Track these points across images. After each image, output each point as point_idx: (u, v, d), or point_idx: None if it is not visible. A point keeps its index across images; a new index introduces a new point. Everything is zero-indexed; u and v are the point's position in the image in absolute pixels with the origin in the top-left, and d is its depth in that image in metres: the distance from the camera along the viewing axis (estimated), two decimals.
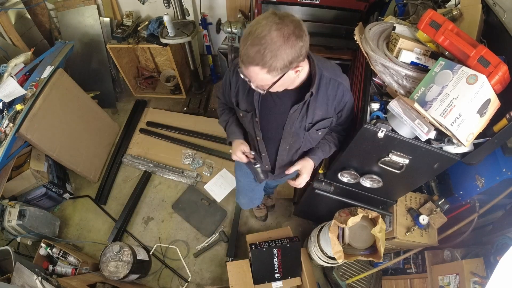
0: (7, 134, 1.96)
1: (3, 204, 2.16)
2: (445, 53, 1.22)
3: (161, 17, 2.56)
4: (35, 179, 2.31)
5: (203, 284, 2.39)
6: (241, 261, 2.12)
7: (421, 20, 1.21)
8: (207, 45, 3.11)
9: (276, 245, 2.07)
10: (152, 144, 3.03)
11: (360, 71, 1.63)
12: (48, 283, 1.79)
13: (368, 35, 1.37)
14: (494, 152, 1.56)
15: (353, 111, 1.39)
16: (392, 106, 1.18)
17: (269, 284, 2.08)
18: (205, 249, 2.50)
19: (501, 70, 1.04)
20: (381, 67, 1.27)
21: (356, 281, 2.19)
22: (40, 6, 2.84)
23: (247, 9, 2.63)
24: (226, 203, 2.73)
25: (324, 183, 1.76)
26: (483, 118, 1.09)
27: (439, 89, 1.08)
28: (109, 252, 2.07)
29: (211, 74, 3.49)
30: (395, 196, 1.78)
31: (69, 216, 2.66)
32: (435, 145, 1.22)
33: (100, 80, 3.10)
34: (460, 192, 1.82)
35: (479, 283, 1.50)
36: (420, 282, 1.87)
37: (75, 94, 2.53)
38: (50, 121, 2.26)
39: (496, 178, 1.54)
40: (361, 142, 1.34)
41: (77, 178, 2.83)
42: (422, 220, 1.77)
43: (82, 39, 2.91)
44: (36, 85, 2.15)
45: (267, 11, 0.98)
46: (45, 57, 2.37)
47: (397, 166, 1.39)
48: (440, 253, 1.82)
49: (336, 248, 1.73)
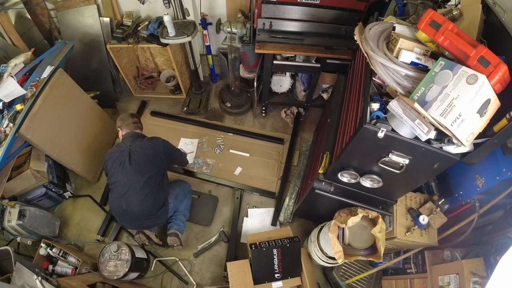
0: (7, 134, 1.96)
1: (3, 204, 2.16)
2: (445, 53, 1.22)
3: (161, 17, 2.56)
4: (35, 179, 2.31)
5: (203, 284, 2.39)
6: (241, 261, 2.12)
7: (421, 20, 1.21)
8: (207, 45, 3.11)
9: (276, 245, 2.07)
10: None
11: (360, 71, 1.63)
12: (48, 283, 1.79)
13: (368, 35, 1.37)
14: (494, 152, 1.56)
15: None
16: (392, 106, 1.18)
17: (269, 284, 2.08)
18: (205, 249, 2.51)
19: (501, 70, 1.04)
20: (381, 67, 1.27)
21: (356, 281, 2.19)
22: (40, 6, 2.84)
23: (247, 9, 2.63)
24: (225, 203, 2.74)
25: (324, 183, 1.76)
26: (483, 118, 1.09)
27: (439, 89, 1.08)
28: (107, 252, 2.07)
29: (211, 74, 3.50)
30: (395, 196, 1.78)
31: (69, 216, 2.67)
32: (435, 145, 1.22)
33: (100, 80, 3.10)
34: (460, 192, 1.82)
35: (479, 283, 1.51)
36: (420, 282, 1.87)
37: (75, 94, 2.54)
38: (50, 121, 2.26)
39: (496, 178, 1.55)
40: (361, 142, 1.34)
41: (77, 178, 2.83)
42: (422, 220, 1.78)
43: (82, 39, 2.91)
44: (36, 85, 2.15)
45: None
46: (45, 57, 2.37)
47: (397, 166, 1.39)
48: (440, 253, 1.83)
49: (336, 248, 1.73)
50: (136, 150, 2.08)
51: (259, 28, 2.42)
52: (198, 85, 3.33)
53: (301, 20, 2.39)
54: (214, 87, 3.56)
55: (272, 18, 2.38)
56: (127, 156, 2.05)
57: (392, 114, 1.21)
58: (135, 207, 2.06)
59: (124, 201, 2.07)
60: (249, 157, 2.97)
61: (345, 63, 2.47)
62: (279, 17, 2.38)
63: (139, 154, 2.07)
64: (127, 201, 2.06)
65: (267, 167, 2.91)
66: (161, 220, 2.24)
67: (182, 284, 2.37)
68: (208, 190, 2.81)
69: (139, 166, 2.05)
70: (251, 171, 2.88)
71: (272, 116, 3.32)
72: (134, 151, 2.07)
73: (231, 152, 3.00)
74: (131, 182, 2.04)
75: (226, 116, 3.34)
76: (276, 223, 2.60)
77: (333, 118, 2.01)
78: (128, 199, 2.06)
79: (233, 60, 2.77)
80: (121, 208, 2.09)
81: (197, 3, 2.72)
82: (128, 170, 2.03)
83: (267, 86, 2.91)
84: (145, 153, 2.08)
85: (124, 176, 2.05)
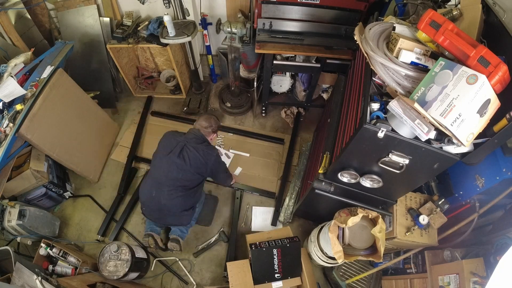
0: (7, 134, 1.96)
1: (3, 204, 2.16)
2: (445, 53, 1.22)
3: (161, 17, 2.56)
4: (35, 179, 2.31)
5: (203, 284, 2.39)
6: (241, 261, 2.12)
7: (421, 20, 1.21)
8: (207, 45, 3.11)
9: (276, 245, 2.07)
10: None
11: (360, 71, 1.63)
12: (48, 283, 1.79)
13: (368, 35, 1.37)
14: (494, 152, 1.56)
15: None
16: (392, 106, 1.18)
17: (269, 284, 2.08)
18: (205, 249, 2.51)
19: (501, 70, 1.05)
20: (381, 67, 1.27)
21: (356, 281, 2.19)
22: (40, 6, 2.84)
23: (247, 9, 2.63)
24: (225, 203, 2.74)
25: (324, 183, 1.76)
26: (483, 118, 1.09)
27: (439, 89, 1.08)
28: (107, 252, 2.07)
29: (211, 74, 3.50)
30: (395, 196, 1.78)
31: (69, 216, 2.66)
32: (435, 145, 1.22)
33: (100, 80, 3.10)
34: (460, 192, 1.82)
35: (479, 283, 1.51)
36: (420, 282, 1.87)
37: (75, 94, 2.54)
38: (50, 121, 2.26)
39: (496, 178, 1.55)
40: (361, 142, 1.34)
41: (77, 178, 2.83)
42: (422, 220, 1.78)
43: (82, 39, 2.91)
44: (36, 85, 2.15)
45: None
46: (45, 57, 2.37)
47: (397, 166, 1.39)
48: (440, 253, 1.83)
49: (336, 248, 1.73)
50: (190, 149, 2.07)
51: (259, 28, 2.42)
52: (198, 85, 3.34)
53: (301, 20, 2.39)
54: (214, 87, 3.56)
55: (272, 18, 2.38)
56: (179, 149, 2.06)
57: (392, 114, 1.21)
58: (164, 199, 2.06)
59: (156, 189, 2.07)
60: (249, 157, 2.97)
61: (345, 63, 2.47)
62: (279, 17, 2.38)
63: (190, 153, 2.06)
64: (159, 190, 2.06)
65: (267, 167, 2.91)
66: (183, 221, 2.24)
67: (182, 284, 2.37)
68: (208, 190, 2.81)
69: (185, 164, 2.05)
70: (251, 171, 2.88)
71: (272, 116, 3.32)
72: (187, 148, 2.07)
73: (231, 152, 3.00)
74: (170, 174, 2.05)
75: (226, 116, 3.34)
76: (276, 223, 2.60)
77: (333, 118, 2.01)
78: (160, 189, 2.06)
79: (233, 60, 2.77)
80: (151, 194, 2.09)
81: (197, 3, 2.72)
82: (173, 162, 2.04)
83: (267, 86, 2.91)
84: (196, 156, 2.07)
85: (167, 164, 2.05)
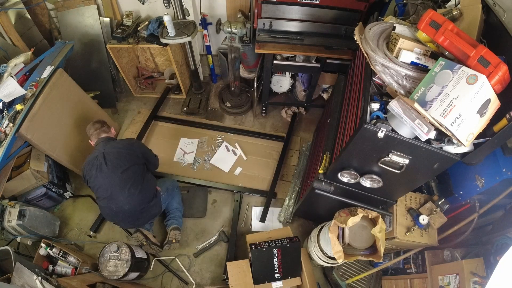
0: (7, 134, 1.96)
1: (3, 204, 2.16)
2: (445, 53, 1.22)
3: (161, 17, 2.56)
4: (35, 179, 2.31)
5: (203, 284, 2.39)
6: (241, 261, 2.11)
7: (421, 20, 1.21)
8: (207, 45, 3.11)
9: (276, 245, 2.07)
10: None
11: (360, 71, 1.63)
12: (48, 283, 1.79)
13: (368, 35, 1.37)
14: (494, 152, 1.56)
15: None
16: (392, 106, 1.18)
17: (269, 284, 2.08)
18: (205, 249, 2.50)
19: (501, 70, 1.04)
20: (381, 67, 1.27)
21: (356, 281, 2.19)
22: (40, 6, 2.84)
23: (247, 9, 2.63)
24: (225, 203, 2.74)
25: (324, 183, 1.76)
26: (483, 118, 1.09)
27: (439, 89, 1.08)
28: (107, 252, 2.07)
29: (211, 74, 3.50)
30: (395, 196, 1.78)
31: (69, 216, 2.66)
32: (435, 145, 1.22)
33: (100, 80, 3.10)
34: (460, 192, 1.82)
35: (479, 283, 1.50)
36: (420, 282, 1.87)
37: (75, 94, 2.53)
38: (50, 121, 2.26)
39: (496, 178, 1.55)
40: (361, 142, 1.34)
41: (77, 178, 2.83)
42: (422, 220, 1.78)
43: (82, 39, 2.91)
44: (36, 85, 2.15)
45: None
46: (45, 57, 2.37)
47: (397, 166, 1.39)
48: (440, 253, 1.83)
49: (336, 248, 1.73)
50: (109, 151, 2.07)
51: (259, 28, 2.42)
52: (198, 85, 3.34)
53: (301, 20, 2.39)
54: (214, 87, 3.56)
55: (272, 18, 2.38)
56: (102, 159, 2.04)
57: (392, 114, 1.21)
58: (125, 205, 2.05)
59: (113, 203, 2.06)
60: (249, 157, 2.97)
61: (345, 63, 2.47)
62: (279, 17, 2.38)
63: (113, 153, 2.07)
64: (115, 201, 2.06)
65: (267, 167, 2.91)
66: (155, 211, 2.23)
67: (182, 284, 2.37)
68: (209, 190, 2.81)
69: (114, 163, 2.04)
70: (251, 171, 2.89)
71: (272, 116, 3.33)
72: (108, 153, 2.07)
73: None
74: (112, 181, 2.03)
75: (226, 116, 3.34)
76: (264, 220, 2.60)
77: (333, 118, 2.01)
78: (115, 199, 2.05)
79: (233, 60, 2.77)
80: (112, 210, 2.09)
81: (197, 3, 2.72)
82: (106, 172, 2.02)
83: (267, 86, 2.91)
84: (119, 152, 2.08)
85: (104, 178, 2.03)
